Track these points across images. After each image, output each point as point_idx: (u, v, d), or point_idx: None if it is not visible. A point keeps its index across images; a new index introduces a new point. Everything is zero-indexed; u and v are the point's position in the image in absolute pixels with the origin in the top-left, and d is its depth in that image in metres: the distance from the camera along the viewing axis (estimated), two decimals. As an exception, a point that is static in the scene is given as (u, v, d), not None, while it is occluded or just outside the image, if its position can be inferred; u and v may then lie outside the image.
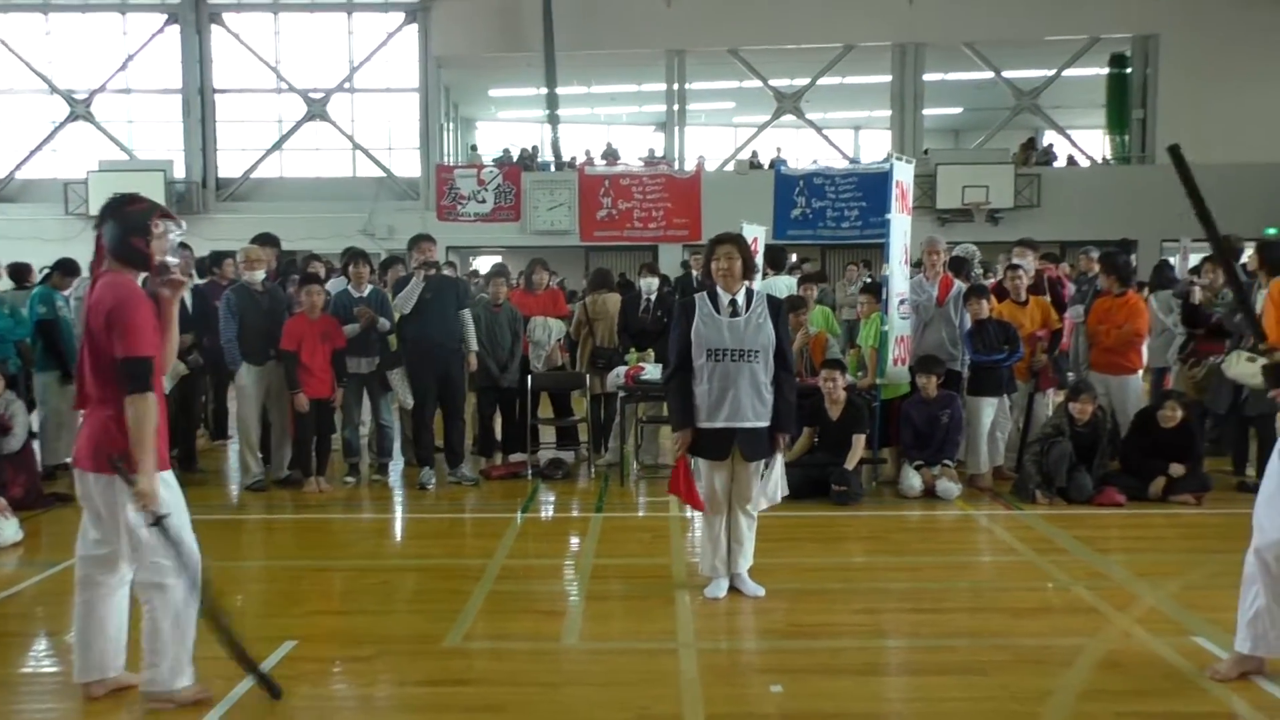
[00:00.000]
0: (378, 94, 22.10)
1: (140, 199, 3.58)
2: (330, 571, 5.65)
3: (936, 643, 4.39)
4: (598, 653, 4.30)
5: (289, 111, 21.94)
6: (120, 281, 3.46)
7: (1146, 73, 20.50)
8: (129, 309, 3.39)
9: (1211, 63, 19.62)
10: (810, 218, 19.83)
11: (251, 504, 7.21)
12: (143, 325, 3.40)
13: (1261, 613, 3.71)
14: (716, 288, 4.87)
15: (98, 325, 3.42)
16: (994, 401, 7.42)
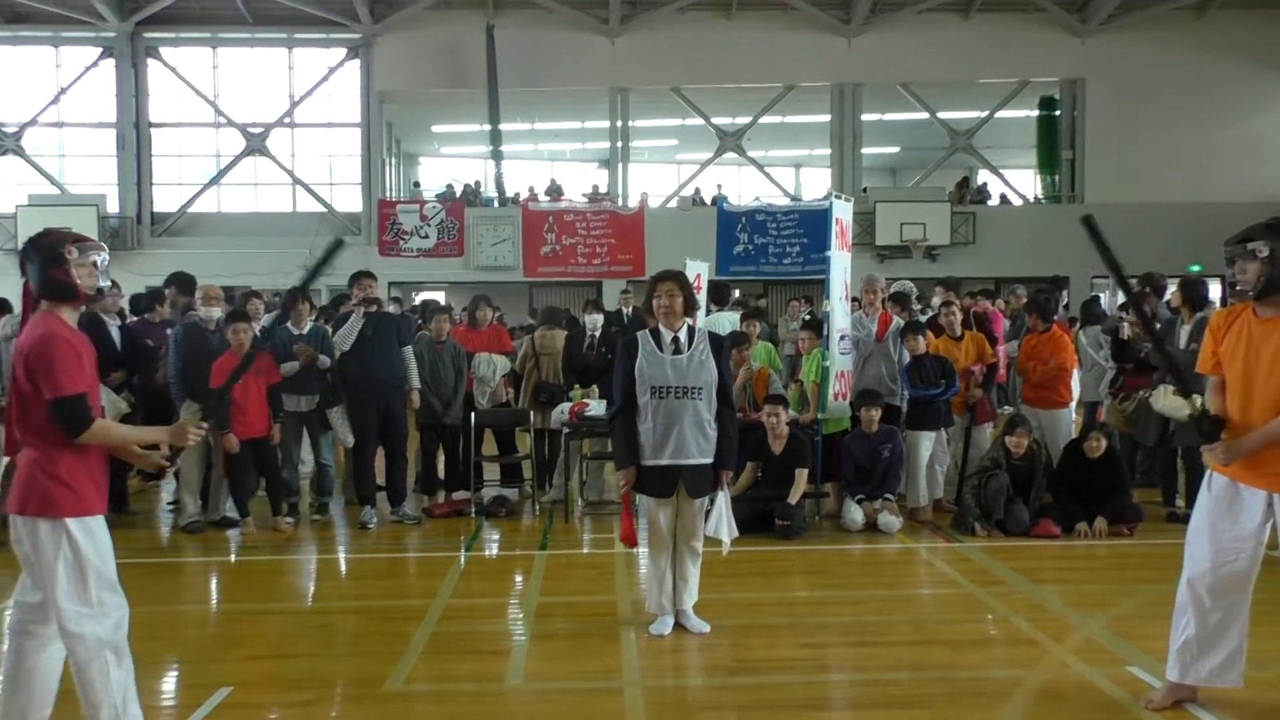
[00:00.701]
0: (319, 129, 21.94)
1: (51, 231, 3.48)
2: (268, 615, 5.52)
3: (879, 676, 4.42)
4: (542, 693, 4.26)
5: (227, 146, 21.68)
6: (40, 321, 3.37)
7: (1074, 115, 21.20)
8: (48, 348, 3.28)
9: (1136, 106, 20.39)
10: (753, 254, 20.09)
11: (187, 546, 7.03)
12: (66, 363, 3.29)
13: (1190, 641, 3.81)
14: (659, 325, 4.90)
15: (19, 370, 3.32)
16: (932, 435, 7.56)
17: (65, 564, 3.31)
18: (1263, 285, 3.62)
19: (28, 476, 3.35)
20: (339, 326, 7.46)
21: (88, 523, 3.36)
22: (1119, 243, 3.64)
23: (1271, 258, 3.58)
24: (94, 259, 3.43)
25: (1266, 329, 3.65)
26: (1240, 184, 19.79)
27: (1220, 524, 3.76)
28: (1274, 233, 3.64)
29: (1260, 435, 3.60)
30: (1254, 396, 3.64)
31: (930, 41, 20.38)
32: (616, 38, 20.55)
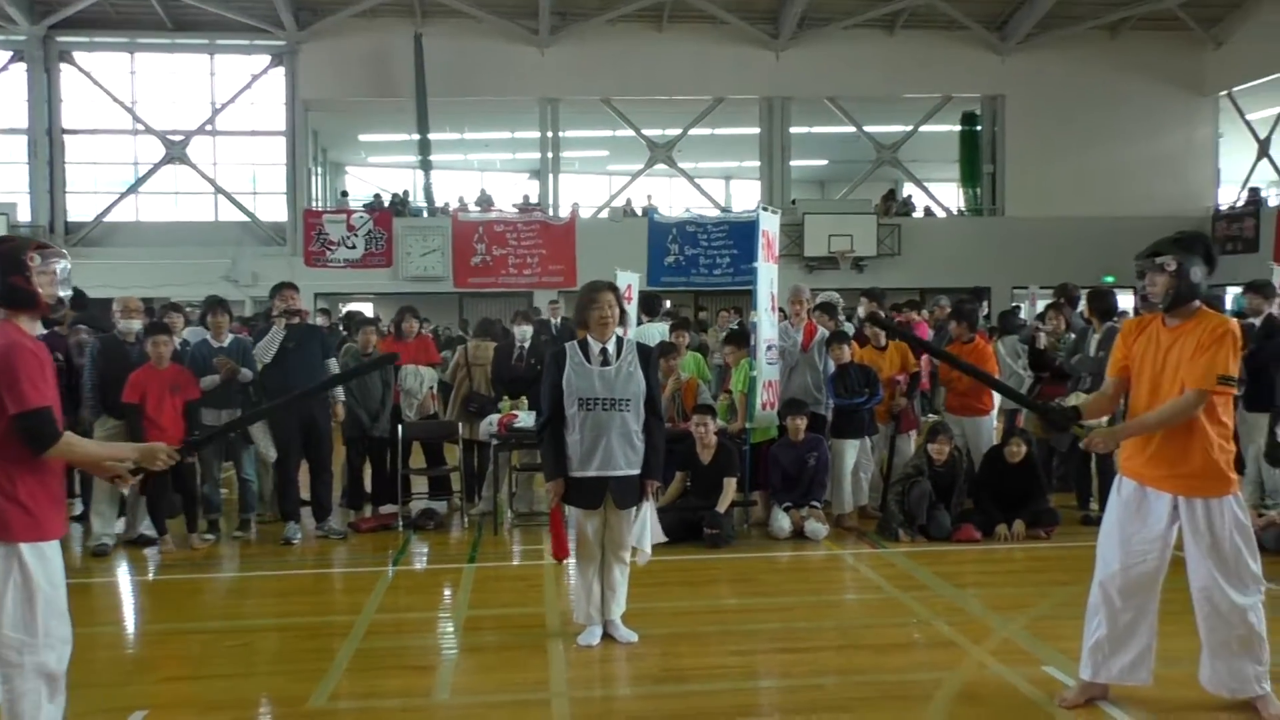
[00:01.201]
0: (242, 137, 21.49)
1: (12, 237, 3.38)
2: (185, 635, 5.38)
3: (806, 682, 4.48)
4: (469, 707, 4.23)
5: (146, 153, 21.11)
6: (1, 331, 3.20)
7: (995, 130, 21.77)
8: (11, 359, 3.11)
9: (1053, 123, 21.02)
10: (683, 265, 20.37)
11: (102, 565, 6.82)
12: (30, 374, 3.12)
13: (1102, 641, 3.94)
14: (588, 337, 4.89)
15: None
16: (856, 443, 7.68)
17: (14, 589, 3.13)
18: (1171, 297, 3.79)
19: None
20: (260, 339, 7.32)
21: (42, 548, 3.18)
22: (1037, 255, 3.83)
23: (1179, 271, 3.76)
24: (56, 267, 3.30)
25: (1173, 336, 3.83)
26: (1151, 199, 20.52)
27: (1129, 527, 3.90)
28: (1181, 247, 3.81)
29: (1135, 424, 3.87)
30: (1160, 398, 3.83)
31: (856, 57, 20.77)
32: (546, 48, 20.54)
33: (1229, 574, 3.80)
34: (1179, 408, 3.73)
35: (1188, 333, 3.78)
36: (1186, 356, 3.74)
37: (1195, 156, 21.93)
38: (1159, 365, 3.84)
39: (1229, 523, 3.80)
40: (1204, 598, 3.87)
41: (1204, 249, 3.84)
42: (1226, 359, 3.67)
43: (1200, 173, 22.00)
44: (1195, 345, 3.73)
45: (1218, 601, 3.83)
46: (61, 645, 3.23)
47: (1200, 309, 3.84)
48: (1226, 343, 3.68)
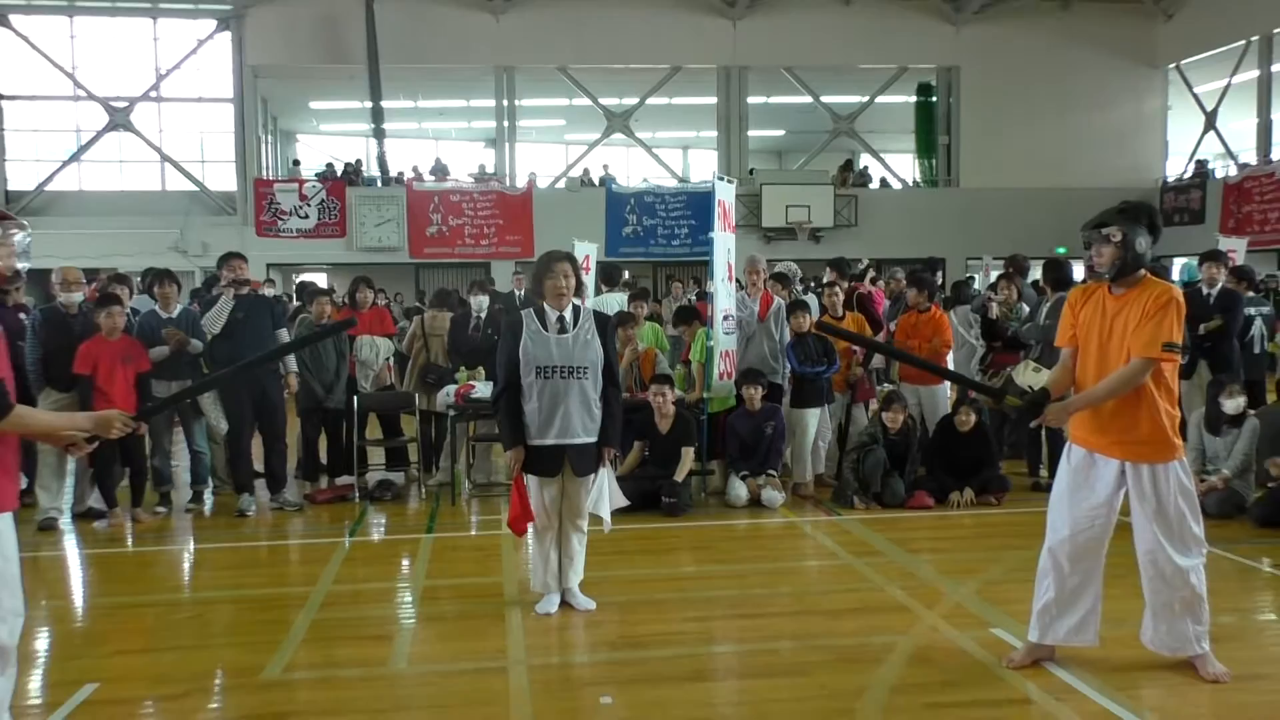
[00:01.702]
0: (188, 104, 21.00)
1: None
2: (138, 608, 5.31)
3: (762, 646, 4.53)
4: (427, 675, 4.22)
5: (88, 121, 20.55)
6: None
7: (950, 102, 21.94)
8: None
9: (1006, 94, 21.22)
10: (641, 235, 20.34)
11: (49, 540, 6.70)
12: None
13: (1050, 605, 4.03)
14: (544, 305, 4.88)
15: None
16: (816, 412, 7.75)
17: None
18: (1117, 267, 3.83)
19: None
20: (208, 309, 7.19)
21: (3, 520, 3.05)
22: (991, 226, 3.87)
23: (1124, 241, 3.79)
24: (13, 239, 3.21)
25: (1119, 304, 3.85)
26: (1102, 171, 20.84)
27: (1078, 494, 3.98)
28: (1126, 217, 3.84)
29: (1084, 397, 3.88)
30: (1107, 366, 3.85)
31: (813, 26, 20.77)
32: (502, 14, 20.29)
33: (1173, 538, 3.87)
34: (1126, 376, 3.75)
35: (1133, 301, 3.81)
36: (1132, 325, 3.76)
37: (1145, 129, 22.30)
38: (1105, 333, 3.87)
39: (1174, 488, 3.85)
40: (1149, 561, 3.94)
41: (1149, 219, 3.87)
42: (1171, 326, 3.69)
43: (1149, 145, 22.38)
44: (1140, 313, 3.75)
45: (1162, 565, 3.90)
46: (13, 618, 3.10)
47: (1146, 277, 3.86)
48: (1171, 310, 3.71)
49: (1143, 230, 3.81)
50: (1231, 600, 5.19)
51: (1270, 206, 18.35)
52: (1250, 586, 5.51)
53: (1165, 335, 3.69)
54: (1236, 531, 6.45)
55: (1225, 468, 6.84)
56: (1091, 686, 3.86)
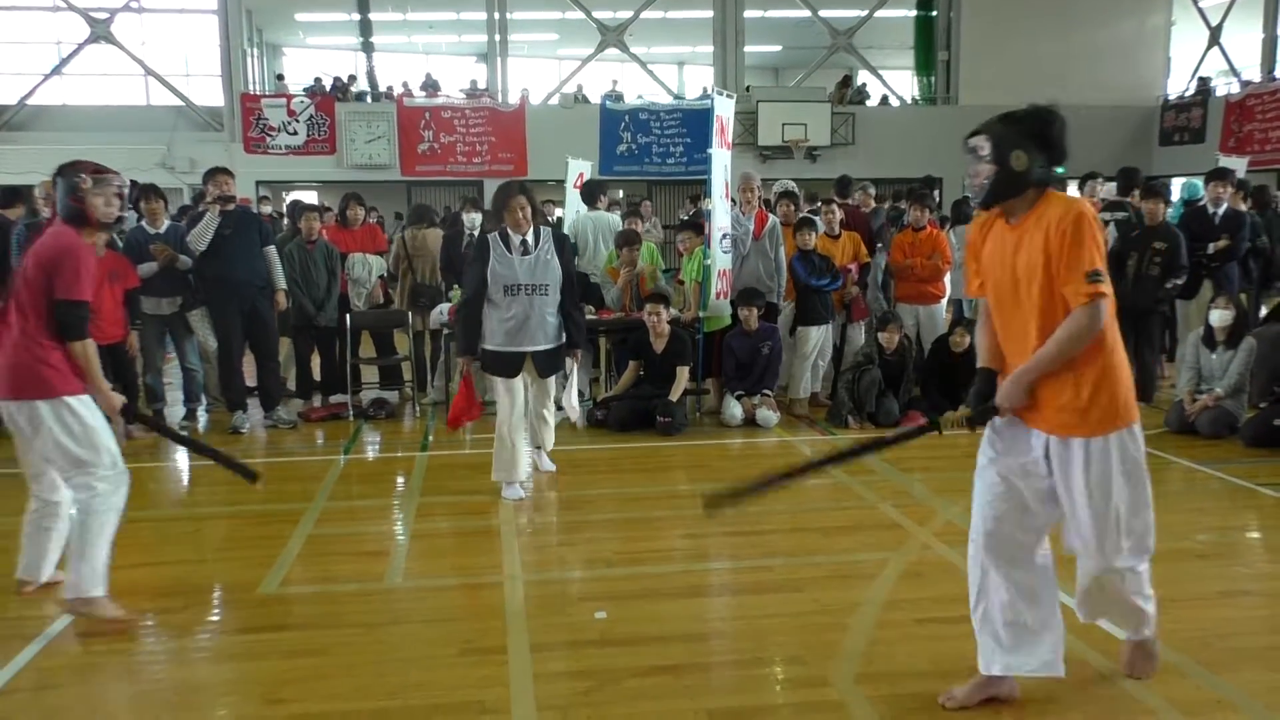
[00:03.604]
0: (171, 15, 20.43)
1: (76, 161, 3.92)
2: (134, 524, 5.24)
3: (755, 563, 4.58)
4: (422, 590, 4.26)
5: (69, 33, 20.01)
6: (64, 232, 3.78)
7: (950, 16, 21.43)
8: (74, 255, 3.70)
9: (1009, 7, 20.71)
10: (636, 153, 20.05)
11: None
12: (84, 272, 3.72)
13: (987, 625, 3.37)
14: (507, 229, 5.40)
15: (36, 268, 3.72)
16: (822, 329, 7.74)
17: (71, 435, 3.74)
18: (987, 191, 3.03)
19: (20, 363, 3.71)
20: (193, 226, 7.09)
21: (83, 398, 3.78)
22: None
23: (995, 157, 2.99)
24: (113, 188, 3.84)
25: (1017, 235, 3.01)
26: (1103, 88, 20.46)
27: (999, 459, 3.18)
28: (1002, 126, 3.05)
29: (1033, 367, 2.98)
30: (1018, 316, 3.02)
31: (812, -64, 20.18)
32: (492, -77, 19.65)
33: (1108, 532, 3.00)
34: (1074, 332, 2.88)
35: (1030, 229, 2.96)
36: (1038, 261, 2.91)
37: (1147, 44, 21.84)
38: (1008, 275, 3.02)
39: (1114, 468, 2.97)
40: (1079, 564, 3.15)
41: (1035, 127, 3.02)
42: (1091, 253, 2.84)
43: (1152, 61, 21.95)
44: (1043, 246, 2.91)
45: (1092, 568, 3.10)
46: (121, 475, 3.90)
47: (1045, 196, 3.00)
48: (1084, 233, 2.86)
49: (1025, 142, 2.98)
50: (1220, 519, 5.26)
51: (1272, 125, 18.09)
52: (1238, 505, 5.56)
53: (1086, 264, 2.85)
54: (1227, 451, 6.49)
55: (1219, 386, 6.85)
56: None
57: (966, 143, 3.08)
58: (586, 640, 3.71)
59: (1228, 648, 3.58)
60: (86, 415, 3.79)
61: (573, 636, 3.75)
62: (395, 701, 3.25)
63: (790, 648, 3.63)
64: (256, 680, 3.44)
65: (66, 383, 3.76)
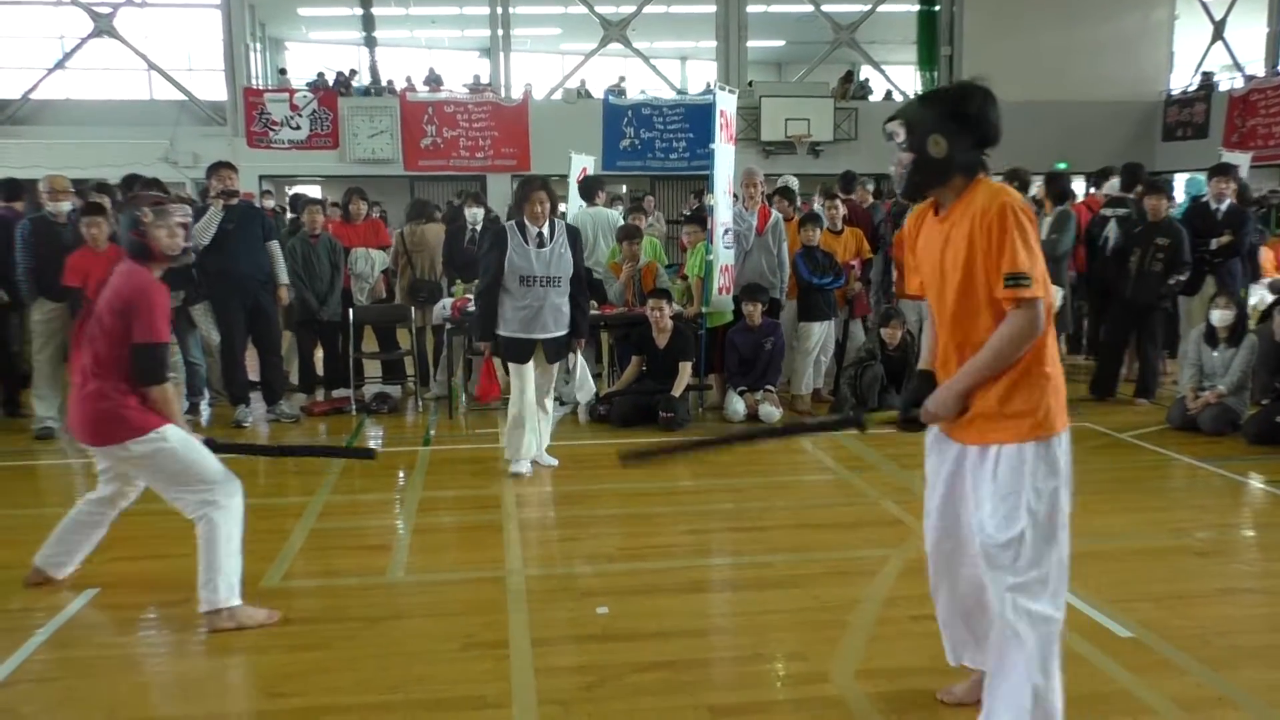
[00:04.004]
0: (174, 9, 20.41)
1: (137, 195, 3.94)
2: (137, 516, 5.23)
3: (756, 559, 4.58)
4: (425, 584, 4.27)
5: (72, 27, 20.00)
6: (137, 271, 3.71)
7: (953, 11, 21.37)
8: (150, 297, 3.65)
9: (1011, 3, 20.65)
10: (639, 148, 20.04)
11: (47, 448, 6.72)
12: (157, 314, 3.66)
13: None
14: (524, 221, 5.68)
15: (112, 309, 3.66)
16: (824, 325, 7.74)
17: (171, 465, 3.75)
18: (905, 180, 2.75)
19: (100, 411, 3.69)
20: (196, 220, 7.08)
21: (164, 430, 3.75)
22: None
23: (912, 143, 2.69)
24: (174, 220, 3.74)
25: (945, 230, 2.70)
26: (1106, 83, 20.42)
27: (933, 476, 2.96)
28: (920, 108, 2.76)
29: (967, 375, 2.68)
30: (950, 314, 2.72)
31: (815, -70, 20.11)
32: (495, -83, 19.62)
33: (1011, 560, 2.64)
34: (1009, 335, 2.57)
35: (957, 221, 2.65)
36: (961, 257, 2.61)
37: (1150, 38, 21.74)
38: (938, 271, 2.72)
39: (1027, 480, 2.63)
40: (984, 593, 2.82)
41: (953, 107, 2.68)
42: (1015, 253, 2.51)
43: (1154, 56, 21.85)
44: (967, 241, 2.60)
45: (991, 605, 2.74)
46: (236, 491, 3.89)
47: (974, 184, 2.67)
48: (1009, 227, 2.53)
49: (946, 124, 2.64)
50: (1221, 515, 5.26)
51: (1275, 120, 18.04)
52: (1240, 502, 5.57)
53: (1008, 265, 2.52)
54: (1229, 448, 6.49)
55: (1221, 384, 6.85)
56: (1081, 599, 3.90)
57: (884, 128, 2.78)
58: (588, 635, 3.72)
59: (1228, 645, 3.58)
60: (179, 443, 3.78)
61: (574, 631, 3.76)
62: (397, 695, 3.26)
63: (791, 644, 3.64)
64: (259, 673, 3.46)
65: (150, 418, 3.74)
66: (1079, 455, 2.85)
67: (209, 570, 3.73)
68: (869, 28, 21.76)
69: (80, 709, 3.21)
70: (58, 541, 4.12)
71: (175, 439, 3.77)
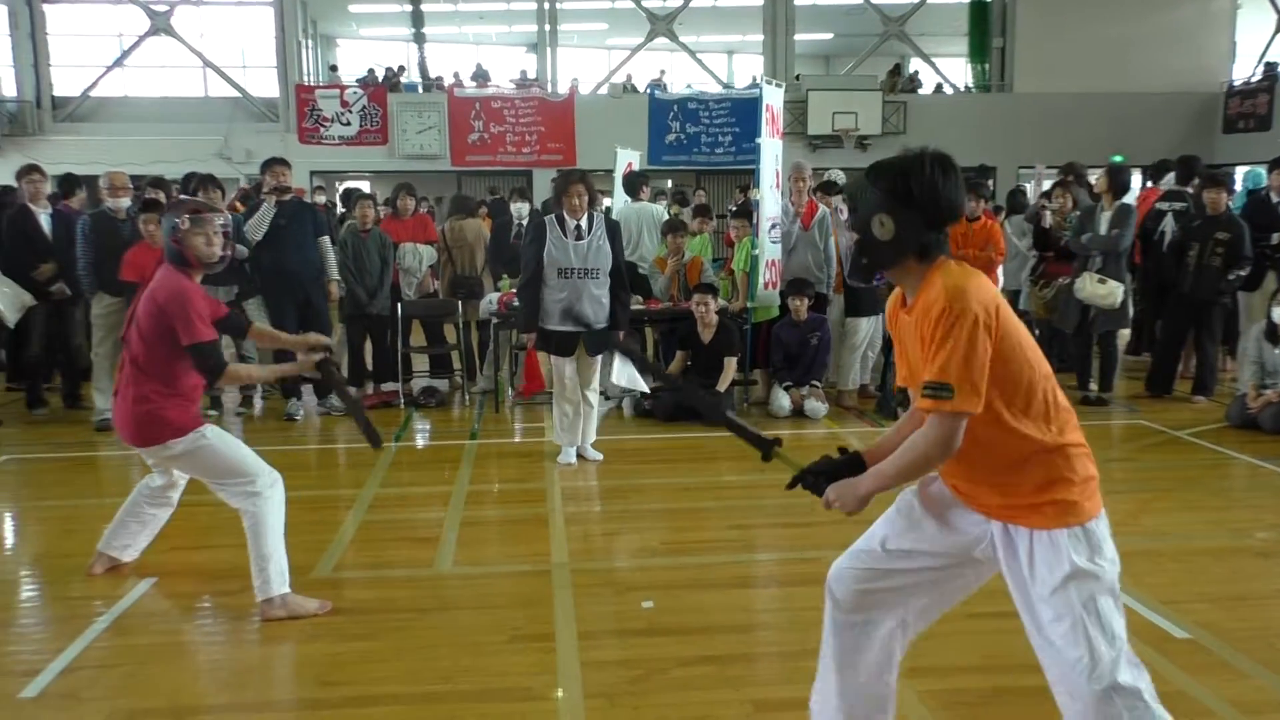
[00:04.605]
0: (228, 7, 20.78)
1: (179, 202, 4.03)
2: (191, 507, 5.36)
3: (803, 555, 4.55)
4: (472, 577, 4.31)
5: (130, 25, 20.43)
6: (168, 275, 3.79)
7: (1005, 1, 21.05)
8: (185, 301, 3.71)
9: (1065, -6, 20.31)
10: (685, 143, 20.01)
11: (107, 440, 6.87)
12: (200, 312, 3.74)
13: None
14: (563, 213, 5.77)
15: (149, 315, 3.75)
16: (871, 320, 7.67)
17: (213, 461, 3.86)
18: (850, 263, 2.46)
19: (140, 413, 3.80)
20: (250, 216, 7.21)
21: (203, 429, 3.87)
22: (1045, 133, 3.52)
23: (857, 224, 2.39)
24: (213, 227, 3.80)
25: (912, 321, 2.34)
26: (1163, 74, 19.99)
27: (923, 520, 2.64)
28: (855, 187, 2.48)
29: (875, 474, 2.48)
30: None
31: (865, -78, 19.91)
32: (543, -87, 19.68)
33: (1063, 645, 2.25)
34: (925, 446, 2.28)
35: (919, 315, 2.29)
36: (919, 356, 2.30)
37: (1211, 28, 21.23)
38: (915, 367, 2.37)
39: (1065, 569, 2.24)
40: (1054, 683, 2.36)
41: (895, 182, 2.32)
42: (946, 354, 2.17)
43: (1215, 45, 21.33)
44: (918, 338, 2.30)
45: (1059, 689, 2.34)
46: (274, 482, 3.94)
47: (932, 270, 2.31)
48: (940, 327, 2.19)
49: (891, 203, 2.31)
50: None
51: (1342, 112, 17.55)
52: (1303, 502, 5.42)
53: (930, 372, 2.20)
54: (1291, 447, 6.33)
55: (1283, 382, 6.68)
56: (1137, 599, 3.82)
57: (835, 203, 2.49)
58: (633, 629, 3.73)
59: (1289, 648, 3.50)
60: (217, 439, 3.89)
61: (620, 625, 3.77)
62: (445, 686, 3.29)
63: (838, 640, 3.60)
64: (310, 662, 3.51)
65: (190, 419, 3.87)
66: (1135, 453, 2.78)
67: (259, 559, 3.81)
68: (919, 19, 21.51)
69: (139, 695, 3.28)
70: (120, 526, 4.24)
71: (214, 436, 3.88)
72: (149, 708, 3.18)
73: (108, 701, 3.22)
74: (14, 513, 5.51)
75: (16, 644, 3.69)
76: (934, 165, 2.33)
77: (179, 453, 3.86)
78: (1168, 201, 8.39)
